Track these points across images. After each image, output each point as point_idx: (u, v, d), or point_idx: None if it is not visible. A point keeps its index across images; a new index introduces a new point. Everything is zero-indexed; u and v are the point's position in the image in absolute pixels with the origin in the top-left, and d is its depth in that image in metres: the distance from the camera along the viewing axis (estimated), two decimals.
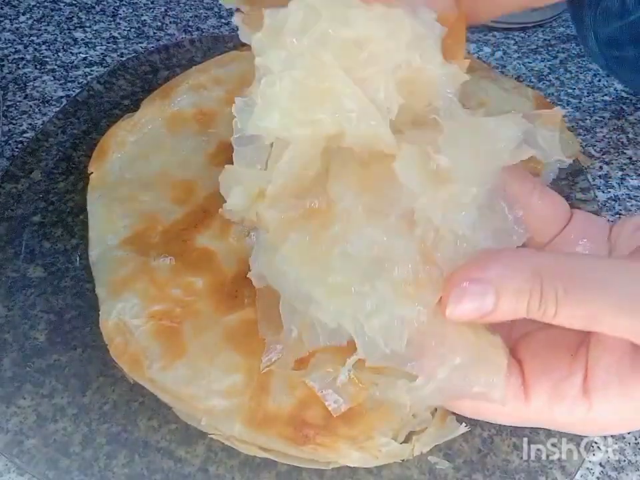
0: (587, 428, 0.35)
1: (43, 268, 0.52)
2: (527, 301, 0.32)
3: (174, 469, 0.44)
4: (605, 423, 0.34)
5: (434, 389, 0.34)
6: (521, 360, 0.35)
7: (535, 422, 0.36)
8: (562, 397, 0.33)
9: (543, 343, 0.36)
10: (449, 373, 0.34)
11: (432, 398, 0.35)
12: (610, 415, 0.33)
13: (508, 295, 0.32)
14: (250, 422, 0.43)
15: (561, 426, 0.35)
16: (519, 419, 0.36)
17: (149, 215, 0.52)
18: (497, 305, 0.32)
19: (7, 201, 0.56)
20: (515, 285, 0.32)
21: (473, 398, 0.35)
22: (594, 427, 0.35)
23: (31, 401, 0.46)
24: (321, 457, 0.43)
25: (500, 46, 0.82)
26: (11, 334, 0.49)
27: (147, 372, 0.44)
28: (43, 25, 0.78)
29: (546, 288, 0.31)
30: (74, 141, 0.61)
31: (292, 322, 0.40)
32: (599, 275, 0.32)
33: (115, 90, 0.65)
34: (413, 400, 0.36)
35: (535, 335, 0.37)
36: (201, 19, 0.81)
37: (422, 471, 0.44)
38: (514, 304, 0.32)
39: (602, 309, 0.31)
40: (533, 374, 0.34)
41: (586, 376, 0.33)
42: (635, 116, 0.74)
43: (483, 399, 0.34)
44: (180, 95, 0.59)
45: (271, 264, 0.38)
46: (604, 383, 0.33)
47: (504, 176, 0.36)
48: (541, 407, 0.34)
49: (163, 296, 0.47)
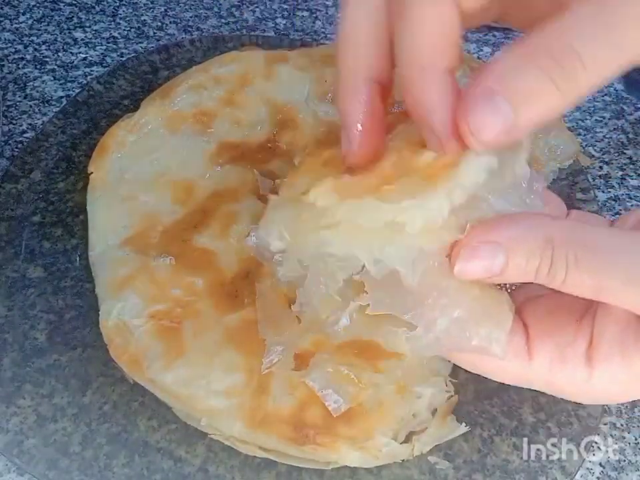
0: (585, 395, 0.36)
1: (43, 268, 0.52)
2: (536, 265, 0.32)
3: (174, 469, 0.44)
4: (603, 392, 0.34)
5: (433, 339, 0.34)
6: (526, 322, 0.36)
7: (534, 383, 0.36)
8: (565, 361, 0.34)
9: (549, 308, 0.36)
10: (448, 325, 0.34)
11: (430, 348, 0.35)
12: (610, 384, 0.34)
13: (518, 257, 0.32)
14: (250, 422, 0.43)
15: (559, 390, 0.36)
16: (518, 377, 0.36)
17: (149, 214, 0.52)
18: (506, 267, 0.32)
19: (6, 201, 0.56)
20: (526, 248, 0.32)
21: (472, 351, 0.35)
22: (592, 394, 0.35)
23: (31, 401, 0.46)
24: (321, 457, 0.43)
25: (500, 46, 0.82)
26: (11, 334, 0.49)
27: (147, 372, 0.45)
28: (43, 25, 0.78)
29: (557, 254, 0.31)
30: (74, 140, 0.61)
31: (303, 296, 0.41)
32: (610, 246, 0.32)
33: (115, 90, 0.65)
34: (412, 349, 0.36)
35: (542, 300, 0.37)
36: (201, 18, 0.81)
37: (422, 471, 0.44)
38: (523, 267, 0.32)
39: (611, 279, 0.31)
40: (538, 336, 0.35)
41: (590, 344, 0.34)
42: (635, 116, 0.74)
43: (483, 353, 0.34)
44: (180, 95, 0.59)
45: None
46: (607, 353, 0.33)
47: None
48: (542, 368, 0.34)
49: (163, 296, 0.47)
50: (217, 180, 0.55)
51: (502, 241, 0.32)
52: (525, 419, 0.47)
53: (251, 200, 0.53)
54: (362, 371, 0.44)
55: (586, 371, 0.33)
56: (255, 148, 0.57)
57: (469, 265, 0.33)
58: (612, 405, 0.50)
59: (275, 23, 0.82)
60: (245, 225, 0.51)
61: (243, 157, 0.56)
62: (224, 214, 0.52)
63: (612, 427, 0.50)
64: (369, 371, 0.44)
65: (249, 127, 0.58)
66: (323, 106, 0.60)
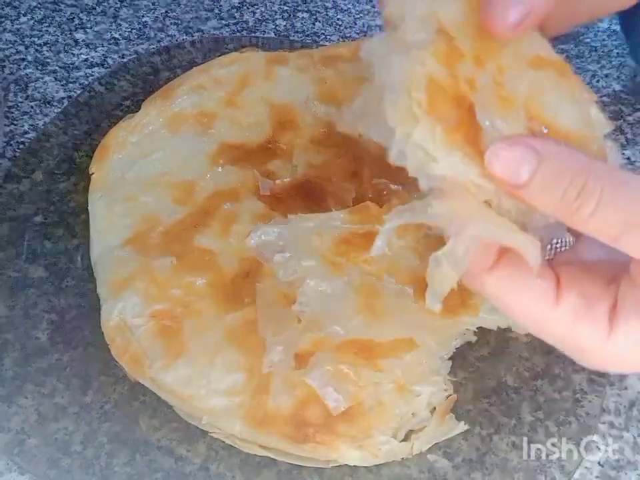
0: (600, 354, 0.35)
1: (45, 268, 0.53)
2: (564, 186, 0.31)
3: (175, 468, 0.44)
4: (620, 355, 0.34)
5: (464, 250, 0.33)
6: (557, 273, 0.35)
7: (553, 332, 0.35)
8: (589, 312, 0.34)
9: (580, 269, 0.36)
10: (479, 232, 0.33)
11: (463, 260, 0.34)
12: (627, 346, 0.34)
13: (549, 170, 0.31)
14: (250, 421, 0.43)
15: (576, 345, 0.35)
16: (539, 322, 0.35)
17: (150, 215, 0.52)
18: (533, 176, 0.31)
19: (8, 201, 0.56)
20: (560, 165, 0.31)
21: (505, 245, 0.34)
22: (608, 354, 0.34)
23: (32, 400, 0.46)
24: (321, 455, 0.43)
25: None
26: (13, 333, 0.49)
27: (148, 371, 0.45)
28: (44, 26, 0.78)
29: (591, 183, 0.31)
30: (75, 141, 0.61)
31: None
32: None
33: (116, 91, 0.65)
34: (449, 264, 0.34)
35: (572, 264, 0.37)
36: (202, 20, 0.82)
37: (421, 470, 0.44)
38: (551, 183, 0.31)
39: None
40: (567, 285, 0.34)
41: (614, 305, 0.34)
42: (633, 117, 0.74)
43: (516, 252, 0.33)
44: (181, 96, 0.59)
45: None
46: (627, 315, 0.33)
47: None
48: (567, 315, 0.34)
49: (163, 296, 0.48)
50: (217, 180, 0.55)
51: (540, 150, 0.31)
52: (523, 417, 0.47)
53: (251, 200, 0.53)
54: (361, 370, 0.44)
55: (606, 329, 0.33)
56: (255, 148, 0.57)
57: (499, 158, 0.32)
58: (610, 404, 0.51)
59: (275, 24, 0.82)
60: (245, 225, 0.51)
61: (243, 157, 0.56)
62: (224, 214, 0.52)
63: (610, 426, 0.50)
64: (369, 370, 0.45)
65: (250, 128, 0.59)
66: (323, 107, 0.60)
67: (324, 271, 0.48)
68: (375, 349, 0.45)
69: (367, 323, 0.46)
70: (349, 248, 0.49)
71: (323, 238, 0.49)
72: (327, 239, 0.49)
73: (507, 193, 0.33)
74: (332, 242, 0.49)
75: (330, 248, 0.49)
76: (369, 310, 0.47)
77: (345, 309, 0.47)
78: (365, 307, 0.47)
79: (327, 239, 0.49)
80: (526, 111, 0.36)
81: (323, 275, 0.48)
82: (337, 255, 0.49)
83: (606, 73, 0.79)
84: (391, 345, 0.46)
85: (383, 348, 0.45)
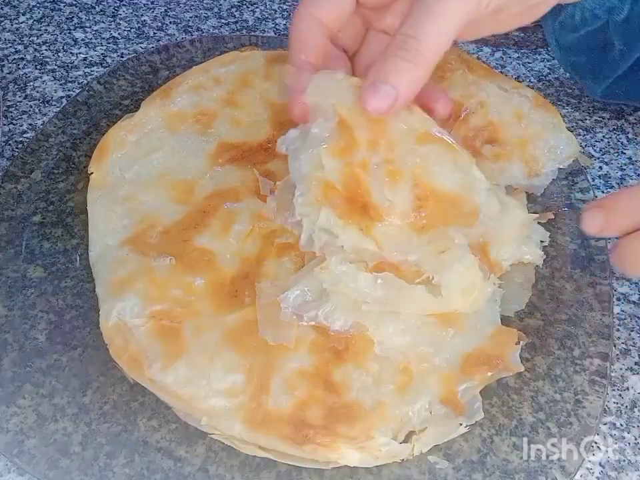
0: None
1: (43, 268, 0.53)
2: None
3: (174, 469, 0.44)
4: None
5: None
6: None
7: None
8: None
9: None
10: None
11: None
12: None
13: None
14: (250, 422, 0.43)
15: None
16: None
17: (149, 215, 0.52)
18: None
19: (7, 201, 0.56)
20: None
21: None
22: None
23: (31, 401, 0.46)
24: (321, 456, 0.43)
25: (500, 46, 0.82)
26: (11, 334, 0.49)
27: (147, 372, 0.45)
28: (43, 25, 0.78)
29: None
30: (74, 141, 0.61)
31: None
32: None
33: (115, 90, 0.65)
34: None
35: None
36: (201, 19, 0.81)
37: (421, 471, 0.44)
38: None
39: None
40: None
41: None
42: (634, 116, 0.74)
43: None
44: (180, 95, 0.59)
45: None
46: None
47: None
48: None
49: (163, 296, 0.47)
50: (217, 180, 0.55)
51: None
52: (524, 418, 0.47)
53: (251, 200, 0.53)
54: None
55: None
56: (255, 148, 0.57)
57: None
58: (611, 405, 0.50)
59: (274, 23, 0.82)
60: (245, 225, 0.51)
61: (243, 157, 0.56)
62: (224, 214, 0.52)
63: (611, 427, 0.50)
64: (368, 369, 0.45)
65: (249, 127, 0.58)
66: None
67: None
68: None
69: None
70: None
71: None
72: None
73: None
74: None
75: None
76: None
77: None
78: None
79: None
80: (413, 180, 0.47)
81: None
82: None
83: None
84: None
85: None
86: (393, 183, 0.46)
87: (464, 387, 0.46)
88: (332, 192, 0.46)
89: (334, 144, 0.46)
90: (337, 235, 0.45)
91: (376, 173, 0.47)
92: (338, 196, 0.46)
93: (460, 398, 0.45)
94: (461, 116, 0.59)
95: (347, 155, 0.46)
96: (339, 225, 0.45)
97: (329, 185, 0.46)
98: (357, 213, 0.46)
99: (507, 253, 0.50)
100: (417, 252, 0.46)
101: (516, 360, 0.47)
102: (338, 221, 0.45)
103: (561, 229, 0.57)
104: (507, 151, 0.58)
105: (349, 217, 0.45)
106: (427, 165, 0.48)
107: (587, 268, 0.55)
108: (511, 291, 0.52)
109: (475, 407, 0.45)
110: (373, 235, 0.45)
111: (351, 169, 0.46)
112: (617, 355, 0.53)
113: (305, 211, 0.46)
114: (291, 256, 0.50)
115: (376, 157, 0.47)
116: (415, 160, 0.47)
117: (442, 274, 0.45)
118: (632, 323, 0.56)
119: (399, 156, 0.47)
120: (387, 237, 0.46)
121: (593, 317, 0.52)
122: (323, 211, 0.45)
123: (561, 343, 0.50)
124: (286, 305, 0.46)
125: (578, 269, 0.55)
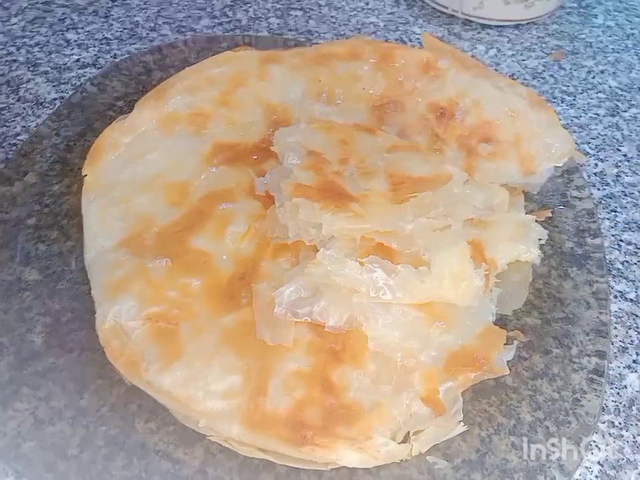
0: None
1: (39, 271, 0.52)
2: None
3: (172, 471, 0.43)
4: None
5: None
6: None
7: None
8: None
9: None
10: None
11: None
12: None
13: None
14: (248, 423, 0.43)
15: None
16: None
17: (144, 216, 0.52)
18: None
19: (1, 204, 0.55)
20: None
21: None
22: None
23: (28, 404, 0.46)
24: (320, 457, 0.43)
25: (494, 44, 0.82)
26: (7, 337, 0.48)
27: (144, 374, 0.44)
28: (36, 26, 0.78)
29: None
30: (68, 143, 0.61)
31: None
32: None
33: (109, 91, 0.65)
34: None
35: None
36: (194, 19, 0.81)
37: (421, 471, 0.44)
38: None
39: None
40: None
41: None
42: (629, 113, 0.74)
43: None
44: (174, 96, 0.59)
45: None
46: None
47: None
48: None
49: (159, 298, 0.47)
50: (212, 181, 0.55)
51: None
52: (523, 417, 0.47)
53: (247, 200, 0.53)
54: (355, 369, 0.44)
55: None
56: (250, 148, 0.57)
57: None
58: (610, 403, 0.51)
59: (268, 22, 0.82)
60: (241, 226, 0.51)
61: (238, 157, 0.56)
62: (219, 215, 0.52)
63: (610, 425, 0.50)
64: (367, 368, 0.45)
65: (244, 128, 0.58)
66: (318, 105, 0.60)
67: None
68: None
69: None
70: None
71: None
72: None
73: None
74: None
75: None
76: None
77: None
78: None
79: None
80: (387, 173, 0.53)
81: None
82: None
83: (601, 69, 0.79)
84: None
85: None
86: (367, 178, 0.52)
87: (446, 386, 0.46)
88: (304, 188, 0.50)
89: (306, 162, 0.53)
90: (320, 223, 0.48)
91: (349, 177, 0.53)
92: (311, 190, 0.50)
93: (442, 398, 0.45)
94: (455, 115, 0.59)
95: (319, 169, 0.52)
96: (317, 209, 0.48)
97: (300, 184, 0.51)
98: (332, 199, 0.49)
99: (502, 252, 0.51)
100: (412, 223, 0.49)
101: (501, 362, 0.47)
102: (315, 206, 0.49)
103: (557, 226, 0.57)
104: (502, 149, 0.58)
105: (326, 202, 0.49)
106: (399, 162, 0.54)
107: (584, 266, 0.55)
108: (508, 290, 0.52)
109: (455, 410, 0.45)
110: (355, 210, 0.49)
111: (325, 177, 0.52)
112: (615, 352, 0.54)
113: (286, 217, 0.50)
114: (287, 256, 0.50)
115: (348, 169, 0.53)
116: (386, 162, 0.54)
117: (434, 252, 0.47)
118: (629, 321, 0.56)
119: (370, 163, 0.54)
120: (369, 211, 0.49)
121: (591, 315, 0.52)
122: (300, 204, 0.49)
123: (559, 341, 0.50)
124: (281, 301, 0.46)
125: (575, 267, 0.55)
